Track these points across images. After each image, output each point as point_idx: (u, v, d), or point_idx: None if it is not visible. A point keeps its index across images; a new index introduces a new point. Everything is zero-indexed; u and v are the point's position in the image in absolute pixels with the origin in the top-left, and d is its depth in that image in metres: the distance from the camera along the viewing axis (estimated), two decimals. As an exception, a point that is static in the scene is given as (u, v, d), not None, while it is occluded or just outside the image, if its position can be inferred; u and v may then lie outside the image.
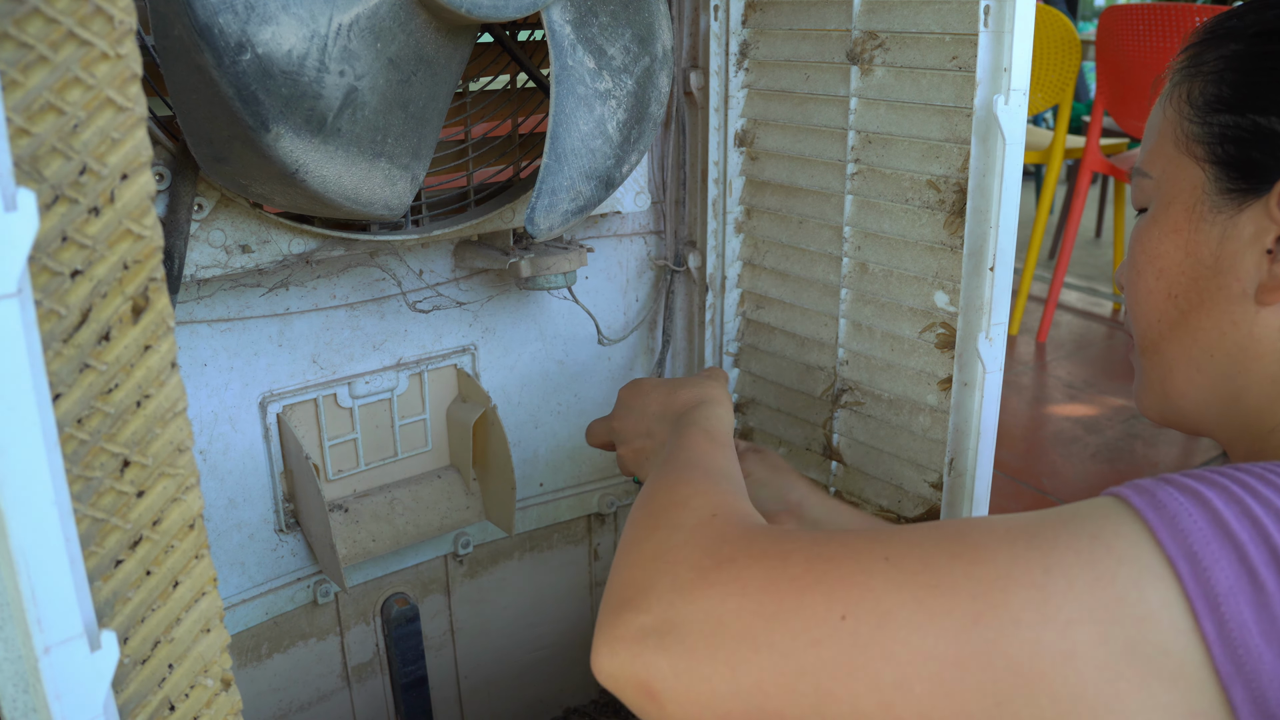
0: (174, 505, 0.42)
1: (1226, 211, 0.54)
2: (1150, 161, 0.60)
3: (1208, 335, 0.56)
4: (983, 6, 0.80)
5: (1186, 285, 0.57)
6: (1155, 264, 0.59)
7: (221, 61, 0.62)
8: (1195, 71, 0.58)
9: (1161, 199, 0.59)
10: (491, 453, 1.00)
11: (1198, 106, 0.57)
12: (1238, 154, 0.54)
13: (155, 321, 0.40)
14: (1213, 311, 0.56)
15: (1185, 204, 0.57)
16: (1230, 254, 0.54)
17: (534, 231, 0.82)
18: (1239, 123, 0.54)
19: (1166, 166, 0.58)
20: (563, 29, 0.80)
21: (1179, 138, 0.58)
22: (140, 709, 0.43)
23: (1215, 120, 0.55)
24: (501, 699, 1.18)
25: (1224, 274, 0.54)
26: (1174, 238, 0.57)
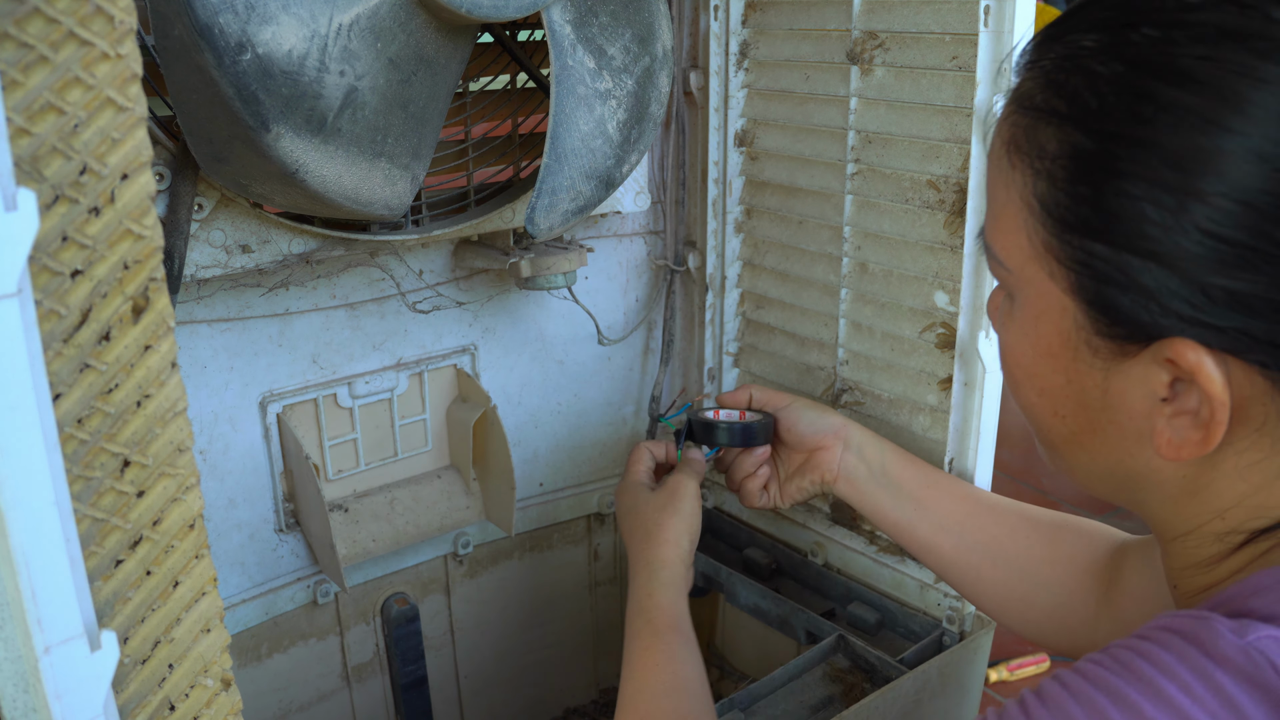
0: (174, 505, 0.42)
1: (1106, 355, 0.46)
2: (1002, 246, 0.50)
3: (1105, 459, 0.50)
4: (983, 6, 0.80)
5: (1074, 410, 0.49)
6: (1034, 382, 0.51)
7: (222, 61, 0.62)
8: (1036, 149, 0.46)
9: (1026, 307, 0.50)
10: (491, 453, 1.00)
11: (1050, 211, 0.46)
12: (1108, 298, 0.45)
13: (155, 321, 0.40)
14: (1107, 441, 0.49)
15: (1058, 326, 0.48)
16: (1119, 393, 0.47)
17: (534, 231, 0.82)
18: (1107, 257, 0.44)
19: (1024, 269, 0.48)
20: (563, 29, 0.80)
21: (1033, 240, 0.47)
22: (140, 709, 0.43)
23: (1074, 241, 0.45)
24: (501, 699, 1.18)
25: (1115, 411, 0.47)
26: (1051, 362, 0.49)
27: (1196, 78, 0.41)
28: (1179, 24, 0.42)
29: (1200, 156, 0.41)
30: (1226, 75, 0.41)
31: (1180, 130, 0.41)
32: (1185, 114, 0.41)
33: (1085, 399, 0.48)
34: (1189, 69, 0.41)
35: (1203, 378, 0.43)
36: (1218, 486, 0.47)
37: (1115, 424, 0.48)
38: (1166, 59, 0.42)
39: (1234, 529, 0.47)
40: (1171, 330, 0.43)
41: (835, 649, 0.93)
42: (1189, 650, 0.41)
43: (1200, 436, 0.44)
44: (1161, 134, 0.42)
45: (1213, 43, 0.41)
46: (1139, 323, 0.44)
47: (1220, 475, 0.47)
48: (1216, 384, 0.43)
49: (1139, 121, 0.42)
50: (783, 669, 0.89)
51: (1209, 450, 0.44)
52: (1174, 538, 0.50)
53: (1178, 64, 0.42)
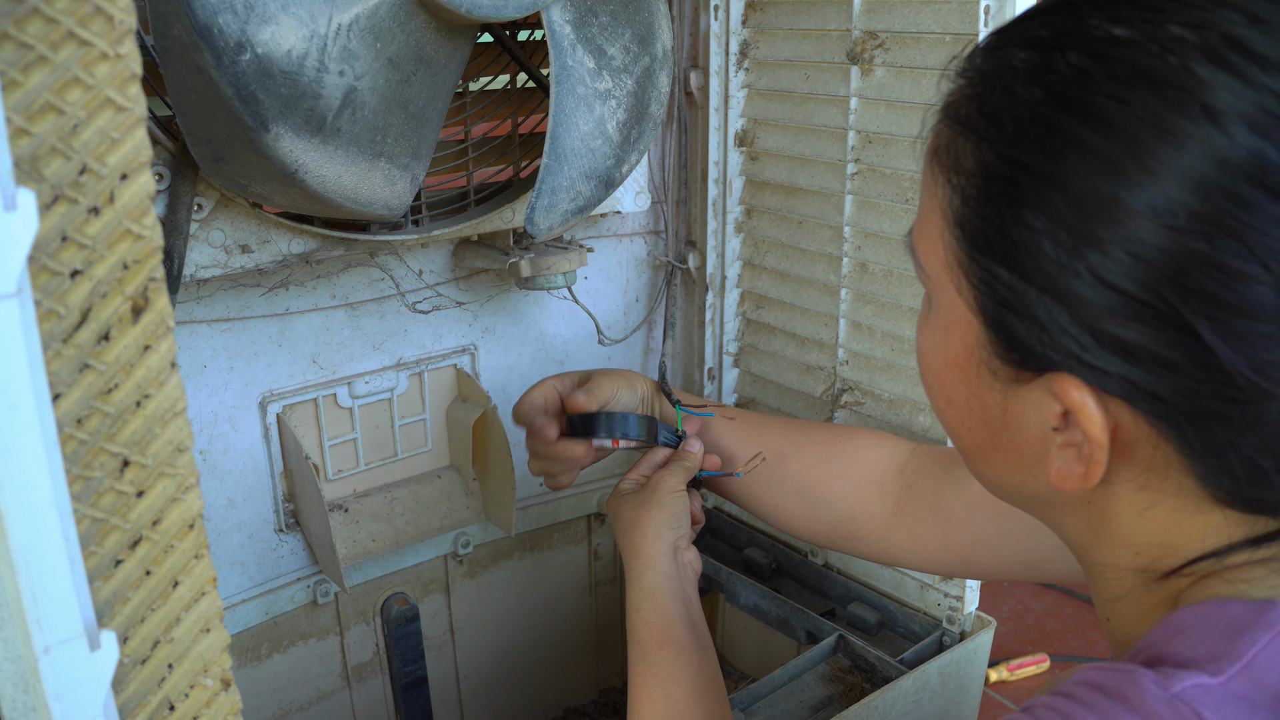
0: (174, 505, 0.42)
1: (1004, 377, 0.46)
2: (923, 251, 0.49)
3: (1011, 476, 0.50)
4: (983, 6, 0.80)
5: (978, 424, 0.49)
6: (943, 390, 0.51)
7: (221, 61, 0.62)
8: (955, 163, 0.46)
9: (940, 314, 0.49)
10: (491, 453, 1.00)
11: (962, 226, 0.45)
12: (1005, 324, 0.44)
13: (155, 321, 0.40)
14: (1009, 459, 0.49)
15: (963, 340, 0.47)
16: (1016, 414, 0.46)
17: (534, 231, 0.82)
18: (1008, 282, 0.43)
19: (939, 277, 0.48)
20: (563, 29, 0.80)
21: (947, 251, 0.47)
22: (140, 709, 0.43)
23: (981, 261, 0.45)
24: (501, 699, 1.18)
25: (1013, 432, 0.47)
26: (957, 373, 0.49)
27: (1106, 119, 0.40)
28: (1102, 57, 0.41)
29: (1100, 202, 0.40)
30: (1134, 122, 0.39)
31: (1084, 172, 0.40)
32: (1091, 156, 0.40)
33: (987, 415, 0.48)
34: (1100, 109, 0.40)
35: (1083, 417, 0.43)
36: (1122, 522, 0.46)
37: (1014, 444, 0.48)
38: (1082, 94, 0.41)
39: (1150, 567, 0.46)
40: (1061, 365, 0.43)
41: (835, 649, 0.93)
42: (1114, 708, 0.40)
43: (1082, 471, 0.44)
44: (1067, 172, 0.41)
45: (1127, 84, 0.40)
46: (1033, 352, 0.44)
47: (1121, 511, 0.46)
48: (1095, 425, 0.43)
49: (1046, 155, 0.41)
50: (783, 669, 0.89)
51: (1090, 485, 0.44)
52: (1092, 565, 0.50)
53: (1091, 102, 0.40)
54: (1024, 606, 1.66)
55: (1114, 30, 0.41)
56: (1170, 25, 0.40)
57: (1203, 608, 0.43)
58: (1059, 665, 1.53)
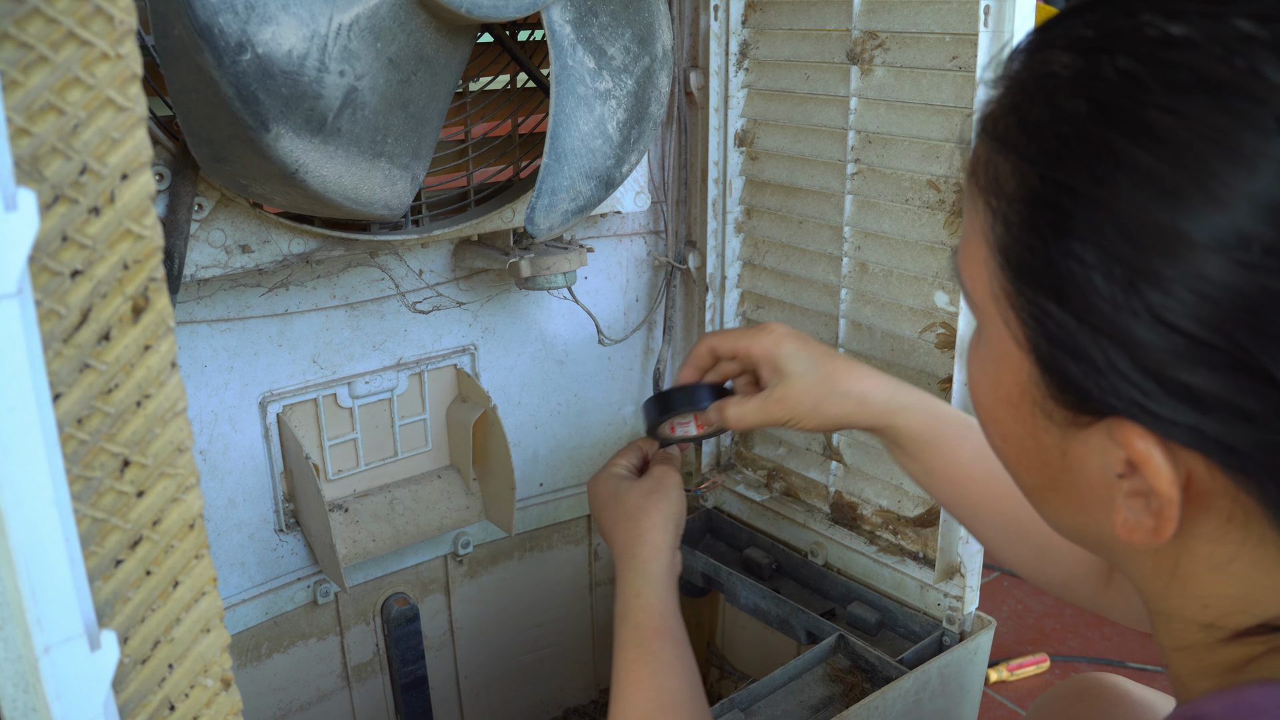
0: (174, 505, 0.42)
1: (1061, 419, 0.42)
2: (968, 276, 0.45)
3: (1073, 520, 0.46)
4: (983, 6, 0.80)
5: (1036, 464, 0.45)
6: (997, 427, 0.47)
7: (221, 61, 0.62)
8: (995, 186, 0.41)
9: (990, 346, 0.45)
10: (491, 453, 1.00)
11: (1006, 255, 0.41)
12: (1059, 364, 0.40)
13: (155, 321, 0.40)
14: (1071, 503, 0.45)
15: (1015, 377, 0.43)
16: (1078, 457, 0.42)
17: (534, 231, 0.82)
18: (1059, 319, 0.39)
19: (985, 306, 0.44)
20: (563, 29, 0.80)
21: (992, 279, 0.42)
22: (140, 709, 0.43)
23: (1029, 294, 0.40)
24: (501, 699, 1.18)
25: (1075, 475, 0.43)
26: (1011, 411, 0.44)
27: (1162, 136, 0.35)
28: (1156, 61, 0.36)
29: (1157, 234, 0.35)
30: (1195, 140, 0.34)
31: (1138, 198, 0.35)
32: (1145, 180, 0.35)
33: (1045, 456, 0.44)
34: (1155, 125, 0.35)
35: (1149, 471, 0.38)
36: (1195, 573, 0.42)
37: (1076, 488, 0.44)
38: (1133, 107, 0.36)
39: (1217, 622, 0.42)
40: (1123, 411, 0.38)
41: (835, 649, 0.93)
42: None
43: (1153, 525, 0.40)
44: (1118, 198, 0.36)
45: (1185, 94, 0.35)
46: (1090, 396, 0.39)
47: (1195, 561, 0.42)
48: (1164, 480, 0.38)
49: (1094, 179, 0.36)
50: (783, 669, 0.89)
51: (1162, 541, 0.40)
52: (1158, 612, 0.46)
53: (1144, 116, 0.35)
54: (1024, 606, 1.66)
55: (1169, 28, 0.36)
56: (1236, 20, 0.35)
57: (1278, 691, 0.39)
58: (1059, 665, 1.53)
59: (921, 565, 0.96)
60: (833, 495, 1.04)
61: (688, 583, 1.09)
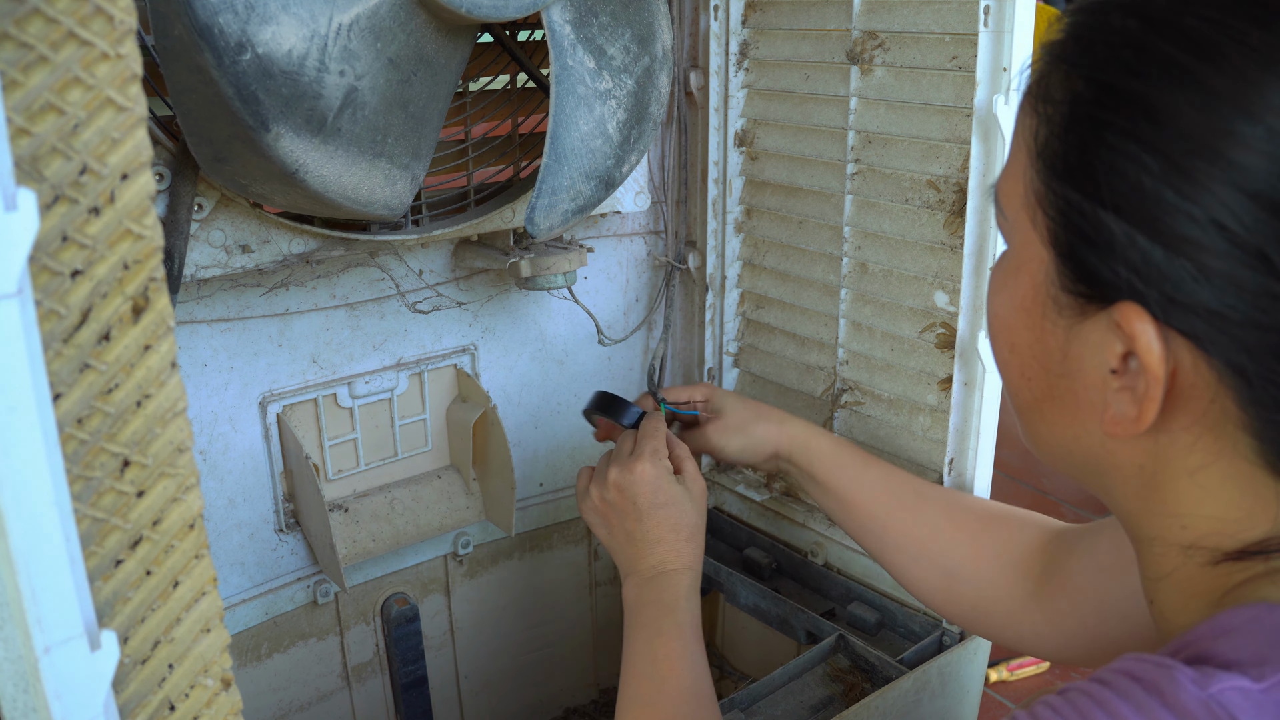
0: (174, 505, 0.42)
1: (1069, 313, 0.45)
2: (1005, 193, 0.49)
3: (1065, 431, 0.49)
4: (983, 6, 0.80)
5: (1038, 372, 0.49)
6: (1007, 336, 0.50)
7: (221, 61, 0.62)
8: (1045, 94, 0.46)
9: (1013, 256, 0.49)
10: (491, 453, 1.00)
11: (1044, 157, 0.46)
12: (1076, 251, 0.44)
13: (155, 321, 0.40)
14: (1065, 411, 0.48)
15: (1033, 279, 0.47)
16: (1076, 358, 0.46)
17: (534, 231, 0.82)
18: (1081, 207, 0.43)
19: (1017, 216, 0.48)
20: (563, 29, 0.80)
21: (1028, 187, 0.47)
22: (140, 709, 0.43)
23: (1058, 189, 0.45)
24: (501, 699, 1.18)
25: (1072, 378, 0.47)
26: (1023, 316, 0.48)
27: (1200, 42, 0.39)
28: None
29: (1196, 128, 0.39)
30: (1233, 46, 0.38)
31: (1176, 95, 0.39)
32: (1183, 78, 0.39)
33: (1048, 360, 0.48)
34: (1193, 31, 0.39)
35: (1141, 346, 0.42)
36: (1173, 485, 0.45)
37: (1071, 392, 0.47)
38: (1176, 17, 0.40)
39: (1196, 543, 0.45)
40: (1128, 294, 0.42)
41: (835, 649, 0.93)
42: (1148, 701, 0.40)
43: (1135, 413, 0.43)
44: (1156, 94, 0.40)
45: (1226, 8, 0.39)
46: (1101, 280, 0.43)
47: (1172, 470, 0.45)
48: (1154, 355, 0.42)
49: (1136, 77, 0.41)
50: (783, 669, 0.89)
51: (1143, 427, 0.43)
52: (1141, 540, 0.49)
53: (1184, 23, 0.40)
54: (1024, 606, 1.66)
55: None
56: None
57: (1252, 610, 0.42)
58: (1059, 665, 1.53)
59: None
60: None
61: (688, 583, 1.09)
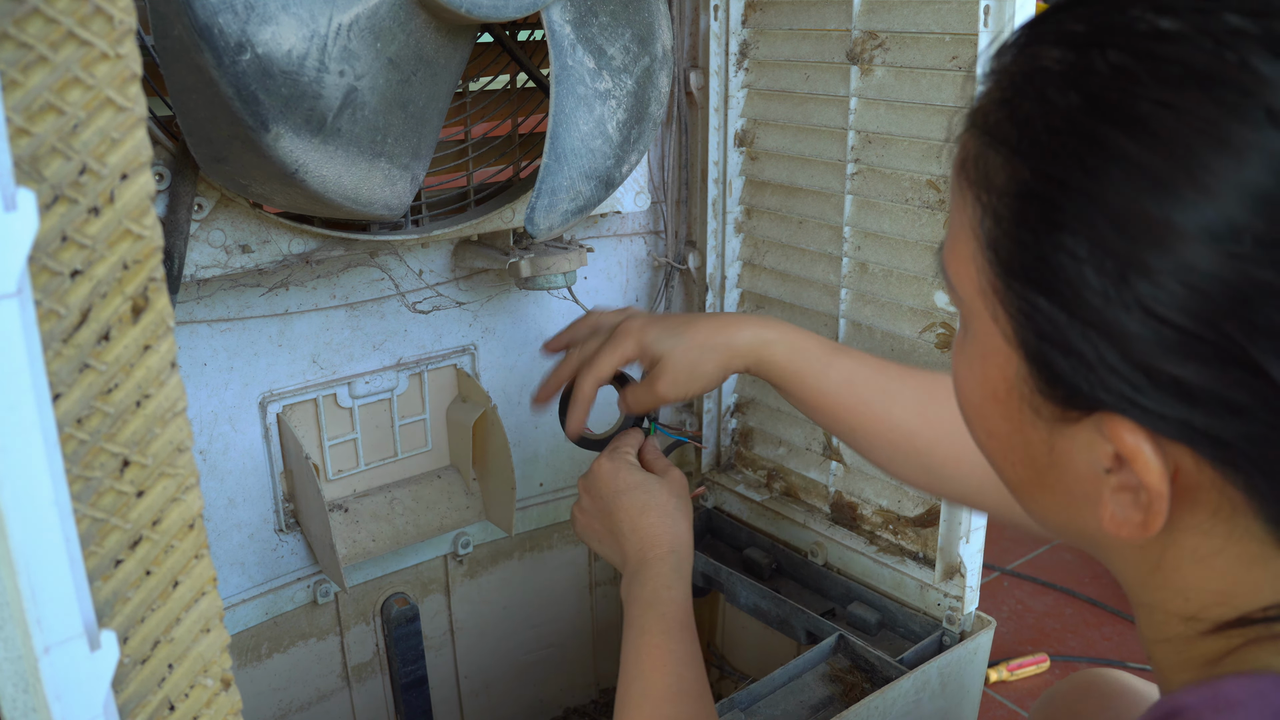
0: (174, 505, 0.42)
1: (1049, 414, 0.41)
2: (954, 272, 0.45)
3: (1060, 515, 0.46)
4: (983, 6, 0.80)
5: (1022, 460, 0.45)
6: (982, 422, 0.46)
7: (221, 61, 0.62)
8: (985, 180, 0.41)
9: (975, 341, 0.45)
10: (491, 453, 1.00)
11: (996, 250, 0.41)
12: (1046, 357, 0.40)
13: (155, 321, 0.40)
14: (1057, 499, 0.45)
15: (1003, 372, 0.43)
16: (1064, 453, 0.42)
17: (534, 231, 0.82)
18: (1048, 313, 0.39)
19: (973, 301, 0.44)
20: (563, 29, 0.80)
21: (980, 275, 0.42)
22: (140, 709, 0.43)
23: (1018, 289, 0.40)
24: (501, 699, 1.18)
25: (1062, 470, 0.43)
26: (998, 406, 0.44)
27: (1153, 128, 0.35)
28: (1147, 55, 0.36)
29: (1148, 225, 0.35)
30: (1186, 131, 0.35)
31: (1129, 190, 0.36)
32: (1136, 171, 0.36)
33: (1032, 451, 0.44)
34: (1147, 117, 0.35)
35: (1139, 465, 0.38)
36: (1179, 566, 0.42)
37: (1063, 484, 0.44)
38: (1126, 100, 0.36)
39: (1198, 615, 0.43)
40: (1112, 405, 0.38)
41: (835, 649, 0.93)
42: None
43: (1140, 519, 0.40)
44: (1109, 190, 0.36)
45: (1177, 86, 0.35)
46: (1079, 390, 0.39)
47: (1180, 555, 0.42)
48: (1153, 473, 0.38)
49: (1086, 172, 0.37)
50: (783, 669, 0.89)
51: (1151, 534, 0.40)
52: (1140, 604, 0.46)
53: (1136, 109, 0.36)
54: (1024, 606, 1.66)
55: (1160, 23, 0.36)
56: (1226, 15, 0.35)
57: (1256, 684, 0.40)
58: (1059, 665, 1.53)
59: (921, 565, 0.96)
60: (833, 495, 1.04)
61: (688, 583, 1.09)
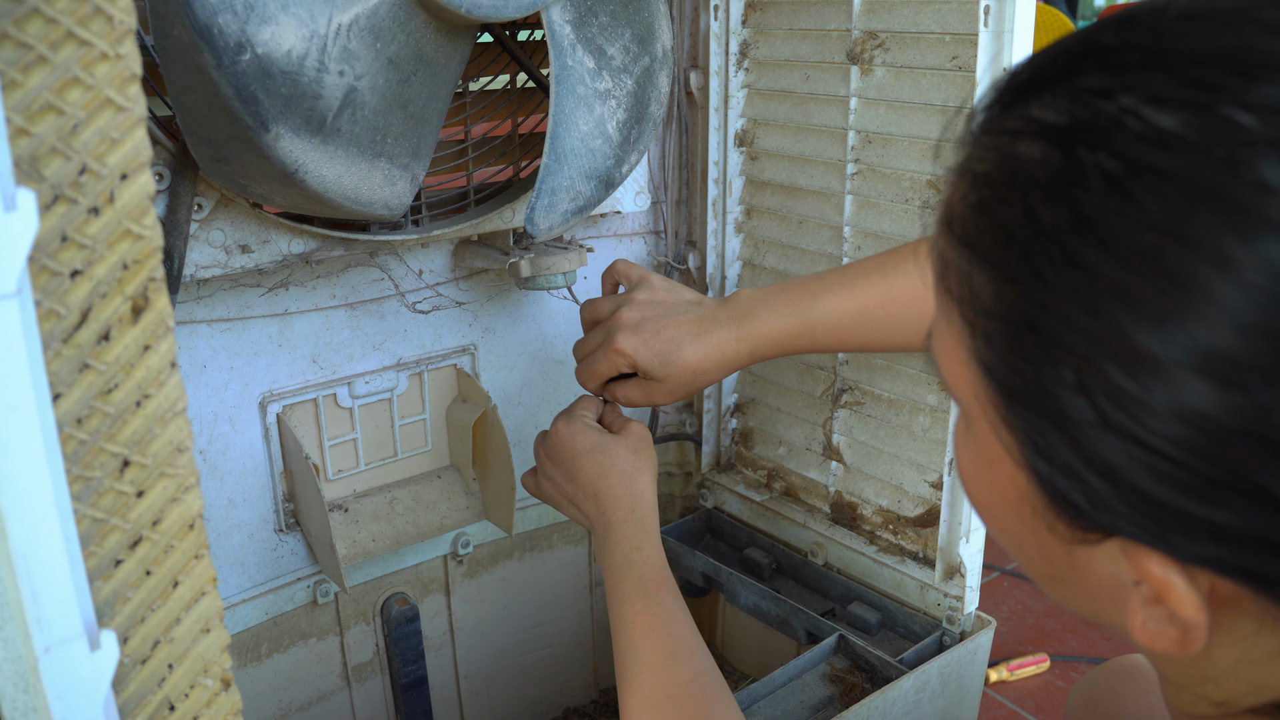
0: (174, 505, 0.42)
1: (1064, 533, 0.38)
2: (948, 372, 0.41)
3: (1084, 607, 0.43)
4: (983, 6, 0.80)
5: (1040, 561, 0.42)
6: (994, 521, 0.43)
7: (221, 61, 0.62)
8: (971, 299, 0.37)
9: (978, 443, 0.41)
10: (491, 453, 1.00)
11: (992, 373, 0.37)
12: (1058, 486, 0.37)
13: (155, 321, 0.40)
14: (1077, 596, 0.42)
15: (1012, 482, 0.40)
16: (1086, 561, 0.39)
17: (534, 231, 0.82)
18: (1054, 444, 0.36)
19: (972, 410, 0.40)
20: (562, 29, 0.80)
21: (977, 386, 0.39)
22: (140, 709, 0.43)
23: (1020, 413, 0.37)
24: (501, 699, 1.18)
25: (1083, 575, 0.40)
26: (1008, 510, 0.41)
27: (1155, 258, 0.32)
28: (1145, 167, 0.32)
29: (1152, 364, 0.32)
30: (1191, 261, 0.31)
31: (1127, 322, 0.32)
32: (1135, 303, 0.32)
33: (1049, 555, 0.41)
34: (1150, 250, 0.32)
35: (1172, 599, 0.36)
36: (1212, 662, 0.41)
37: (1084, 586, 0.41)
38: (1125, 226, 0.32)
39: (1230, 701, 0.41)
40: (1134, 536, 0.35)
41: (835, 649, 0.93)
42: None
43: (1178, 637, 0.37)
44: (1109, 326, 0.33)
45: (1183, 211, 0.31)
46: (1095, 521, 0.36)
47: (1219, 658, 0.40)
48: (1189, 606, 0.35)
49: (1084, 306, 0.33)
50: (783, 669, 0.89)
51: (1191, 652, 0.37)
52: (1168, 680, 0.45)
53: (1138, 239, 0.32)
54: (1024, 606, 1.66)
55: (1158, 120, 0.32)
56: (1233, 112, 0.31)
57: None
58: (1059, 665, 1.53)
59: (921, 565, 0.96)
60: (833, 495, 1.04)
61: (687, 583, 1.09)
